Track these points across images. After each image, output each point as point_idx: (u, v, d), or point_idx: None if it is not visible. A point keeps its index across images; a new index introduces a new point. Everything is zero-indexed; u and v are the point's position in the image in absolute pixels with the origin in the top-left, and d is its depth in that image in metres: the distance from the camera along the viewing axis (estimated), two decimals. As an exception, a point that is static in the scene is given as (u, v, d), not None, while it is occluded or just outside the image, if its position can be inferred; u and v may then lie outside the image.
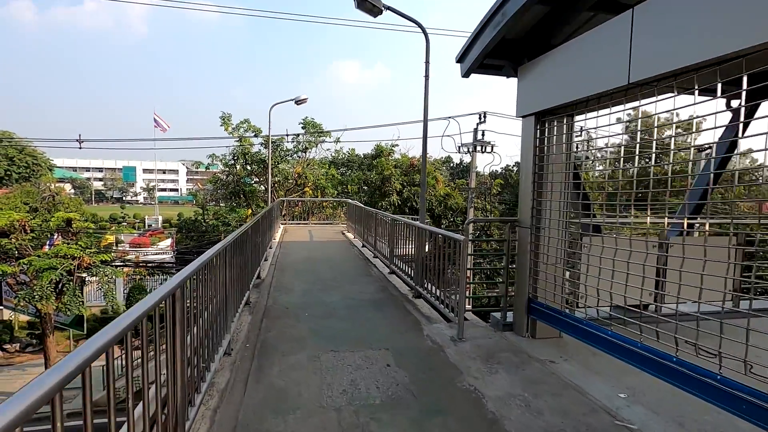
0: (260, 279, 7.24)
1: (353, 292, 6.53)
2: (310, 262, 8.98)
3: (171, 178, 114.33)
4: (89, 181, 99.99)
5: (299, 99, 15.02)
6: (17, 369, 18.01)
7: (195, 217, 28.77)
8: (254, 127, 22.56)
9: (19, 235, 15.48)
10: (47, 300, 13.41)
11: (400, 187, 22.38)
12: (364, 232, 10.97)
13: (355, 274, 7.98)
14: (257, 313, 5.40)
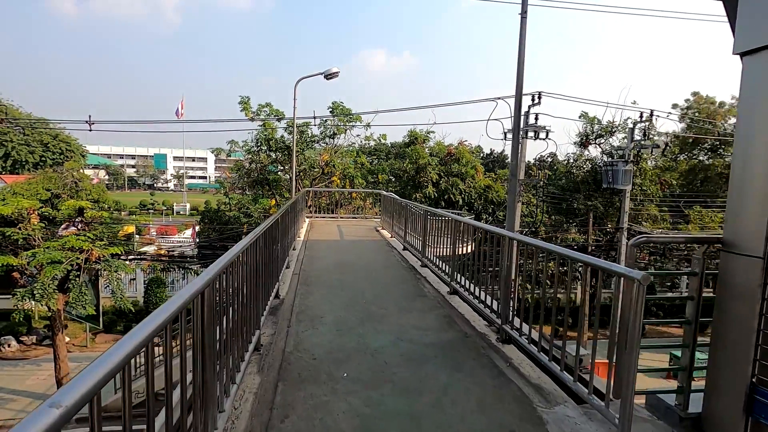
0: (279, 299, 5.39)
1: (408, 328, 4.58)
2: (343, 271, 7.09)
3: (200, 166, 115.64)
4: (122, 168, 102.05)
5: (329, 73, 13.10)
6: (32, 363, 17.18)
7: (218, 207, 27.52)
8: (277, 111, 20.81)
9: (28, 225, 14.32)
10: (49, 298, 12.15)
11: (437, 177, 20.24)
12: (406, 233, 9.00)
13: (404, 292, 6.02)
14: (270, 368, 3.53)
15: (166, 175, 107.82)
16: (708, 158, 32.60)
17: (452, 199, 20.28)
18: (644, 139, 18.68)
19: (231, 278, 2.75)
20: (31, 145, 44.10)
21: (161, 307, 1.69)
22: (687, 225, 23.91)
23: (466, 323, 4.78)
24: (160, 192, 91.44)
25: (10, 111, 43.07)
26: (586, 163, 23.30)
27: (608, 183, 17.84)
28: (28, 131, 43.53)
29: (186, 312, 1.90)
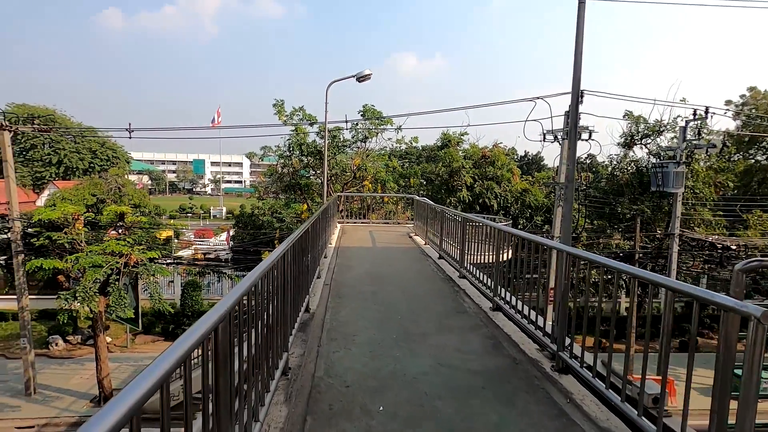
0: (309, 313, 5.09)
1: (449, 350, 4.14)
2: (377, 282, 6.73)
3: (236, 171, 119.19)
4: (164, 173, 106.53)
5: (361, 75, 12.85)
6: (76, 363, 17.84)
7: (252, 211, 27.94)
8: (309, 116, 20.82)
9: (73, 229, 14.87)
10: (90, 301, 12.50)
11: (471, 181, 19.59)
12: (442, 241, 8.54)
13: (442, 308, 5.58)
14: (299, 397, 3.19)
15: (204, 179, 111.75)
16: (767, 158, 30.16)
17: (487, 204, 19.58)
18: (697, 138, 17.36)
19: (257, 297, 2.43)
20: (81, 153, 46.60)
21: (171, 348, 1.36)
22: (746, 231, 22.06)
23: (514, 346, 4.29)
24: (199, 196, 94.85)
25: (64, 121, 45.74)
26: (631, 164, 21.97)
27: (657, 186, 16.64)
28: (78, 139, 46.00)
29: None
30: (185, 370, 1.46)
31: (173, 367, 1.30)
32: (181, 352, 1.37)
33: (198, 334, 1.51)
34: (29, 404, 14.39)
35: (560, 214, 17.22)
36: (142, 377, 1.15)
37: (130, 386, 1.09)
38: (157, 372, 1.20)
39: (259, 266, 2.59)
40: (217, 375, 1.76)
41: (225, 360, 1.81)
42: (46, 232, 14.64)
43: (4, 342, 19.12)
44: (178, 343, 1.41)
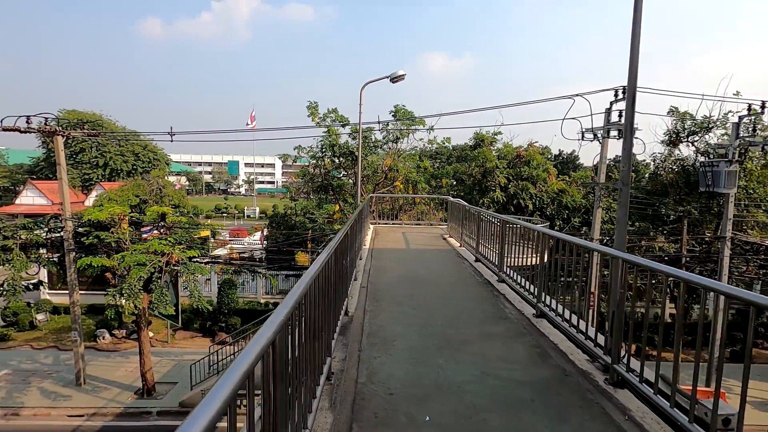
0: (348, 316, 5.08)
1: (493, 359, 4.01)
2: (413, 286, 6.65)
3: (268, 171, 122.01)
4: (200, 175, 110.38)
5: (395, 76, 12.79)
6: (121, 356, 18.70)
7: (285, 211, 28.46)
8: (342, 117, 20.99)
9: (119, 229, 15.60)
10: (135, 297, 13.06)
11: (505, 181, 19.16)
12: (479, 244, 8.36)
13: (483, 313, 5.43)
14: (343, 403, 3.17)
15: (238, 180, 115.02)
16: (830, 156, 27.88)
17: (521, 204, 19.09)
18: (752, 134, 16.26)
19: (306, 303, 2.42)
20: (124, 155, 48.94)
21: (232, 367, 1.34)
22: (806, 234, 20.46)
23: (562, 356, 4.11)
24: (233, 196, 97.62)
25: (109, 125, 48.19)
26: (676, 163, 20.86)
27: (706, 186, 15.70)
28: (122, 143, 48.34)
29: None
30: (249, 383, 1.43)
31: (238, 384, 1.27)
32: (246, 367, 1.34)
33: (260, 345, 1.48)
34: (79, 394, 15.20)
35: (600, 215, 16.56)
36: (207, 402, 1.13)
37: (205, 402, 1.07)
38: (224, 392, 1.18)
39: (307, 273, 2.57)
40: (275, 384, 1.74)
41: (282, 369, 1.78)
42: (95, 232, 15.42)
43: (57, 334, 20.29)
44: (242, 358, 1.38)
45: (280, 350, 1.75)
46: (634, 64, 3.63)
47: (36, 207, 37.70)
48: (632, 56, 3.63)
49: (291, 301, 2.01)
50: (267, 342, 1.53)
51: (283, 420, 1.86)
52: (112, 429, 13.42)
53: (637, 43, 3.60)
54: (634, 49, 3.62)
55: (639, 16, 3.49)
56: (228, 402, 1.16)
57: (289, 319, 1.89)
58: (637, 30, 3.58)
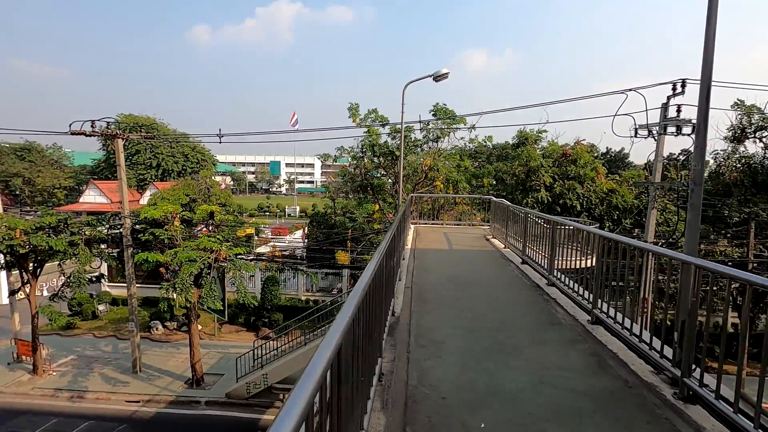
0: (394, 317, 5.06)
1: (548, 366, 3.85)
2: (458, 287, 6.54)
3: (308, 171, 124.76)
4: (244, 174, 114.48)
5: (438, 74, 12.63)
6: (172, 347, 19.72)
7: (325, 210, 28.95)
8: (382, 117, 21.05)
9: (171, 227, 16.45)
10: (187, 292, 13.72)
11: (551, 180, 18.48)
12: (526, 246, 8.10)
13: (533, 318, 5.24)
14: (395, 405, 3.14)
15: (279, 180, 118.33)
16: None
17: (567, 204, 18.35)
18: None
19: (364, 306, 2.41)
20: (175, 157, 51.63)
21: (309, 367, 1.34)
22: None
23: (622, 366, 3.88)
24: (274, 195, 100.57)
25: (162, 128, 50.99)
26: (742, 161, 19.29)
27: (778, 186, 14.44)
28: (173, 144, 51.00)
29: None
30: (321, 393, 1.43)
31: (313, 393, 1.26)
32: (318, 376, 1.33)
33: (330, 349, 1.47)
34: (136, 381, 16.18)
35: (655, 216, 15.60)
36: (294, 399, 1.12)
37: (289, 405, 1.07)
38: (302, 403, 1.17)
39: (363, 276, 2.57)
40: (340, 385, 1.73)
41: (347, 371, 1.78)
42: (150, 229, 16.35)
43: (116, 324, 21.72)
44: (314, 364, 1.37)
45: (345, 353, 1.75)
46: (709, 53, 3.33)
47: (97, 205, 40.54)
48: (707, 45, 3.34)
49: (353, 304, 2.00)
50: (336, 346, 1.53)
51: (346, 420, 1.85)
52: (165, 416, 14.17)
53: (713, 31, 3.31)
54: (709, 38, 3.33)
55: (715, 1, 3.21)
56: (307, 409, 1.15)
57: (352, 322, 1.88)
58: (713, 16, 3.29)
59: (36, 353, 16.40)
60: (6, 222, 15.76)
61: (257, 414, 14.34)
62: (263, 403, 14.78)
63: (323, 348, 1.45)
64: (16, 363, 17.32)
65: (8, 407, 14.48)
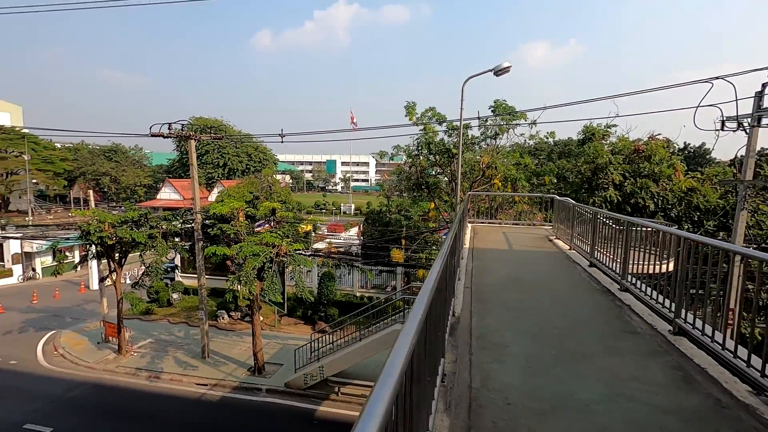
0: (454, 317, 4.95)
1: (624, 378, 3.57)
2: (521, 289, 6.28)
3: (363, 170, 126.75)
4: (302, 173, 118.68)
5: (500, 68, 12.19)
6: (237, 335, 20.90)
7: (380, 208, 29.20)
8: (439, 115, 20.78)
9: (237, 222, 17.43)
10: (251, 284, 14.47)
11: (621, 179, 17.22)
12: (594, 248, 7.59)
13: (605, 325, 4.89)
14: (458, 408, 3.06)
15: (335, 178, 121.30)
16: None
17: (639, 204, 16.99)
18: None
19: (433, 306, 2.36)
20: (240, 156, 54.70)
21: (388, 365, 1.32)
22: None
23: (713, 383, 3.49)
24: (330, 193, 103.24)
25: (228, 129, 54.19)
26: None
27: None
28: (238, 144, 54.01)
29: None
30: (398, 394, 1.40)
31: (393, 395, 1.23)
32: (396, 378, 1.29)
33: (406, 349, 1.44)
34: (204, 366, 17.35)
35: (745, 218, 13.99)
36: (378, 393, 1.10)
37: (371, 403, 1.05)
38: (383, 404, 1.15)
39: (429, 276, 2.52)
40: (411, 385, 1.70)
41: (418, 370, 1.74)
42: (218, 224, 17.43)
43: (187, 312, 23.43)
44: (391, 366, 1.34)
45: (417, 352, 1.71)
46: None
47: (171, 201, 43.91)
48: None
49: (423, 302, 1.96)
50: (411, 346, 1.49)
51: (417, 420, 1.81)
52: (229, 400, 15.06)
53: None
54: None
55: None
56: (388, 411, 1.12)
57: (425, 321, 1.84)
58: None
59: (120, 335, 18.13)
60: (97, 216, 17.55)
61: (314, 405, 14.80)
62: (319, 394, 15.23)
63: (398, 347, 1.42)
64: (104, 343, 19.27)
65: (98, 382, 16.15)
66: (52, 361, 17.79)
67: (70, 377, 16.41)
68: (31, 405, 14.28)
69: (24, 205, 48.20)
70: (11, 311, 23.26)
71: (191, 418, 13.87)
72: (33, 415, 13.61)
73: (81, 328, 21.30)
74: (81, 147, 62.36)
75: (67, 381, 16.10)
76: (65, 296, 26.35)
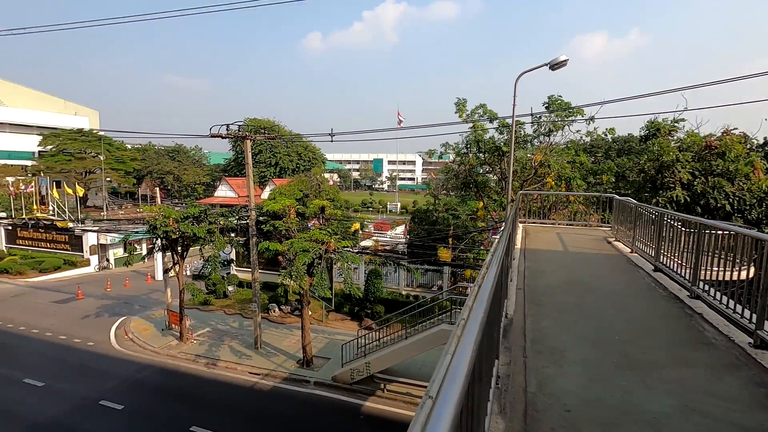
0: (507, 318, 4.83)
1: (697, 392, 3.31)
2: (578, 293, 6.00)
3: (409, 168, 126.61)
4: (350, 172, 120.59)
5: (556, 62, 11.66)
6: (287, 328, 21.66)
7: (427, 207, 29.04)
8: (490, 112, 20.29)
9: (288, 219, 18.06)
10: (301, 279, 14.94)
11: (690, 177, 15.93)
12: (660, 252, 7.09)
13: (673, 334, 4.56)
14: (513, 411, 2.99)
15: (381, 177, 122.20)
16: None
17: (712, 205, 15.63)
18: None
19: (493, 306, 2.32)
20: (290, 155, 56.58)
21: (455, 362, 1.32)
22: None
23: (803, 403, 3.15)
24: (377, 192, 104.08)
25: (280, 130, 56.19)
26: None
27: None
28: (289, 144, 55.86)
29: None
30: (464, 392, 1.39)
31: (461, 396, 1.22)
32: (463, 379, 1.28)
33: (472, 346, 1.43)
34: (257, 356, 18.16)
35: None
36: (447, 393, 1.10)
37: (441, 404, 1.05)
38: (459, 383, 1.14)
39: (488, 275, 2.48)
40: (473, 384, 1.68)
41: (480, 369, 1.72)
42: (271, 221, 18.14)
43: (241, 304, 24.61)
44: (457, 368, 1.34)
45: (480, 351, 1.69)
46: None
47: (227, 199, 46.22)
48: None
49: (483, 300, 1.93)
50: (476, 344, 1.48)
51: (477, 421, 1.79)
52: (280, 390, 15.66)
53: None
54: None
55: None
56: (457, 413, 1.12)
57: (486, 320, 1.81)
58: None
59: (182, 323, 19.40)
60: (163, 212, 18.87)
61: (360, 400, 15.02)
62: (366, 390, 15.44)
63: (464, 344, 1.41)
64: (168, 330, 20.71)
65: (162, 365, 17.39)
66: (123, 344, 19.38)
67: (138, 360, 17.81)
68: (106, 383, 15.65)
69: (100, 202, 52.90)
70: (89, 297, 25.61)
71: (244, 406, 14.58)
72: (108, 393, 14.92)
73: (148, 315, 23.02)
74: (148, 148, 67.27)
75: (136, 363, 17.48)
76: (134, 285, 28.61)
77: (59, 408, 13.98)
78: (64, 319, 21.95)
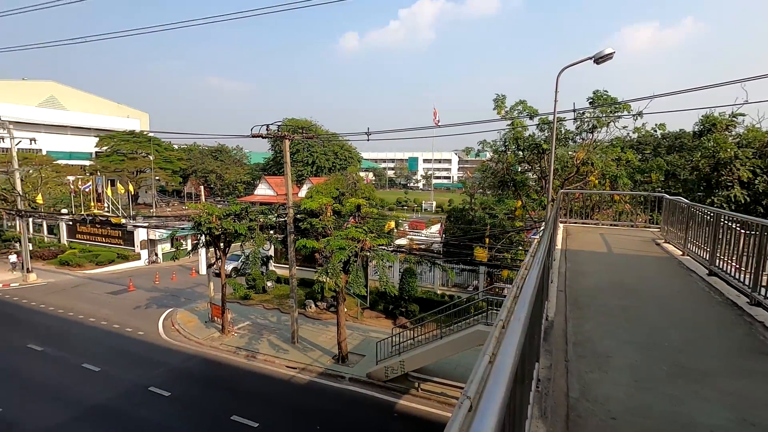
0: (548, 321, 4.70)
1: (755, 402, 3.09)
2: (624, 295, 5.74)
3: (444, 167, 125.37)
4: (385, 170, 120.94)
5: (601, 55, 11.14)
6: (323, 324, 22.07)
7: (462, 206, 28.67)
8: (530, 109, 19.73)
9: (324, 217, 18.38)
10: (337, 276, 15.17)
11: (750, 175, 14.83)
12: (715, 256, 6.65)
13: (730, 342, 4.28)
14: (554, 416, 2.91)
15: (416, 175, 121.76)
16: None
17: (775, 206, 14.48)
18: None
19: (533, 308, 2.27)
20: (327, 155, 57.48)
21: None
22: None
23: None
24: (412, 191, 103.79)
25: (317, 129, 57.18)
26: None
27: None
28: (325, 143, 56.74)
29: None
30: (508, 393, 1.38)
31: (505, 397, 1.21)
32: (507, 379, 1.27)
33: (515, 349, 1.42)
34: (293, 350, 18.63)
35: None
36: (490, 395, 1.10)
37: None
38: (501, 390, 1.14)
39: (530, 275, 2.43)
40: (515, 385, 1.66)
41: (522, 371, 1.69)
42: (308, 219, 18.53)
43: (279, 299, 25.31)
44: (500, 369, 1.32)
45: (522, 352, 1.67)
46: None
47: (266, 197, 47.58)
48: None
49: (526, 303, 1.90)
50: (519, 346, 1.46)
51: (519, 422, 1.77)
52: (316, 384, 15.99)
53: None
54: None
55: None
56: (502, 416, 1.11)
57: (528, 321, 1.78)
58: None
59: (223, 316, 20.21)
60: (206, 209, 19.72)
61: (394, 398, 15.09)
62: (400, 388, 15.48)
63: (507, 345, 1.40)
64: (210, 322, 21.64)
65: (205, 356, 18.21)
66: (170, 334, 20.44)
67: (184, 350, 18.73)
68: (154, 371, 16.58)
69: (149, 199, 56.00)
70: (140, 289, 27.19)
71: (281, 398, 15.00)
72: (156, 380, 15.80)
73: (192, 307, 24.15)
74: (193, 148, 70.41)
75: (182, 353, 18.39)
76: (180, 279, 30.09)
77: (113, 392, 14.96)
78: (118, 310, 23.43)
